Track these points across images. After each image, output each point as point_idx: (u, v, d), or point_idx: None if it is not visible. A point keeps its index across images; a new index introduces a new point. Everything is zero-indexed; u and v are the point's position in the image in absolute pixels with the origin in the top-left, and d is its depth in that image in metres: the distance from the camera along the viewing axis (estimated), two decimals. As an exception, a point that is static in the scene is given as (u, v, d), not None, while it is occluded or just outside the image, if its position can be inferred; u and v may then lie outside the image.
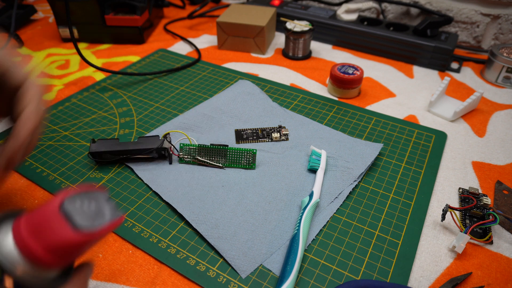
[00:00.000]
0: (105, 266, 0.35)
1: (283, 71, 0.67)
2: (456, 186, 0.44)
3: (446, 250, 0.37)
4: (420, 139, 0.51)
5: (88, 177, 0.44)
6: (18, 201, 0.41)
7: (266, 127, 0.51)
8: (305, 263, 0.36)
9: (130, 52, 0.73)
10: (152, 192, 0.42)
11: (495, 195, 0.43)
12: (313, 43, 0.78)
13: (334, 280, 0.34)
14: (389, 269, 0.35)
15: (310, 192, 0.41)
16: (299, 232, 0.36)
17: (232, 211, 0.39)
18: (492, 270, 0.35)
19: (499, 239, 0.38)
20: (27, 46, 0.75)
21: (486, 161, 0.48)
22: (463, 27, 0.75)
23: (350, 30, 0.73)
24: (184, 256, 0.36)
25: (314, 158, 0.45)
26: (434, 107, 0.57)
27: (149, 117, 0.54)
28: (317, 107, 0.57)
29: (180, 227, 0.39)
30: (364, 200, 0.42)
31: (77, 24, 0.73)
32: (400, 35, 0.69)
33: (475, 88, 0.63)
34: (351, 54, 0.73)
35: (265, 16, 0.72)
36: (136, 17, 0.72)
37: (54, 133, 0.51)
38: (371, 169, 0.46)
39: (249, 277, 0.34)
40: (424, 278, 0.35)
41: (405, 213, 0.41)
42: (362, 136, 0.51)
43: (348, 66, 0.59)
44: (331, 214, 0.40)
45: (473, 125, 0.55)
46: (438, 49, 0.66)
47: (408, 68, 0.69)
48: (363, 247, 0.37)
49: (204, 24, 0.86)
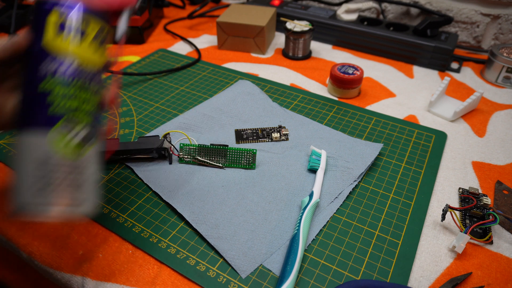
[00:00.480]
0: (105, 266, 0.35)
1: (283, 71, 0.67)
2: (456, 186, 0.44)
3: (446, 250, 0.37)
4: (420, 139, 0.51)
5: (88, 177, 0.44)
6: (18, 201, 0.41)
7: (266, 127, 0.51)
8: (305, 263, 0.36)
9: (130, 52, 0.73)
10: (152, 192, 0.42)
11: (495, 195, 0.43)
12: (313, 43, 0.78)
13: (334, 280, 0.34)
14: (389, 269, 0.35)
15: (310, 192, 0.41)
16: (299, 232, 0.36)
17: (232, 211, 0.39)
18: (492, 270, 0.35)
19: (499, 239, 0.38)
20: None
21: (486, 161, 0.48)
22: (463, 27, 0.75)
23: (350, 30, 0.73)
24: (184, 256, 0.36)
25: (314, 158, 0.45)
26: (434, 107, 0.57)
27: (149, 117, 0.54)
28: (317, 107, 0.57)
29: (180, 227, 0.39)
30: (364, 200, 0.42)
31: (77, 24, 0.73)
32: (400, 35, 0.69)
33: (475, 88, 0.63)
34: (351, 54, 0.73)
35: (265, 16, 0.72)
36: (136, 17, 0.72)
37: (54, 133, 0.51)
38: (371, 169, 0.46)
39: (249, 277, 0.34)
40: (424, 278, 0.35)
41: (405, 213, 0.41)
42: (362, 136, 0.51)
43: (348, 66, 0.59)
44: (331, 214, 0.40)
45: (473, 125, 0.55)
46: (438, 49, 0.66)
47: (408, 68, 0.69)
48: (363, 247, 0.37)
49: (204, 24, 0.86)
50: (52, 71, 0.28)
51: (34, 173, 0.28)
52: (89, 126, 0.29)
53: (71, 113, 0.29)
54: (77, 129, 0.29)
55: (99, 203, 0.32)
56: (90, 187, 0.30)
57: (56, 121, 0.28)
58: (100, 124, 0.31)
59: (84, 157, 0.29)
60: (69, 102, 0.29)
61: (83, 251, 0.36)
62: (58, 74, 0.28)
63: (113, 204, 0.41)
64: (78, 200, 0.29)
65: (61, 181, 0.28)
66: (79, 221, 0.39)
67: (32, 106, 0.29)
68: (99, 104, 0.31)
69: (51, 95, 0.28)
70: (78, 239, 0.38)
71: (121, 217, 0.39)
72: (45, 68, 0.29)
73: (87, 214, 0.30)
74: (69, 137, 0.29)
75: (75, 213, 0.29)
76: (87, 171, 0.30)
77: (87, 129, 0.29)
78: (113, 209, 0.40)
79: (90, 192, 0.30)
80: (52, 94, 0.28)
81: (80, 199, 0.29)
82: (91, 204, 0.30)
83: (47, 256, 0.36)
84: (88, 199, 0.30)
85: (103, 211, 0.40)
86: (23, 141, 0.29)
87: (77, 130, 0.29)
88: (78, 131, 0.29)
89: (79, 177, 0.29)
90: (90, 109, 0.30)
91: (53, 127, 0.28)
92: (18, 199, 0.29)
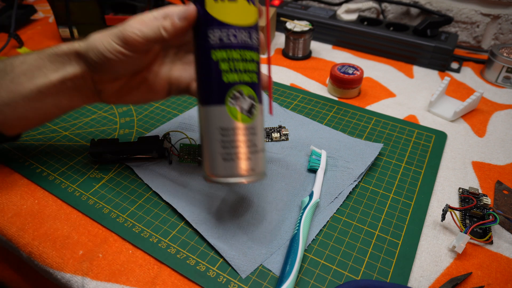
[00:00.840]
0: (105, 266, 0.35)
1: (283, 71, 0.67)
2: (456, 186, 0.44)
3: (446, 250, 0.37)
4: (420, 139, 0.51)
5: (88, 177, 0.44)
6: (18, 201, 0.41)
7: (266, 127, 0.51)
8: (305, 263, 0.36)
9: (130, 52, 0.73)
10: (152, 192, 0.42)
11: (495, 195, 0.43)
12: (313, 43, 0.78)
13: (334, 280, 0.34)
14: (389, 269, 0.35)
15: (310, 192, 0.41)
16: (299, 232, 0.36)
17: (232, 211, 0.39)
18: (492, 270, 0.35)
19: (499, 239, 0.38)
20: (27, 46, 0.75)
21: (486, 161, 0.48)
22: (463, 27, 0.75)
23: (350, 30, 0.73)
24: (184, 256, 0.36)
25: (314, 158, 0.45)
26: (434, 107, 0.57)
27: (149, 117, 0.54)
28: (317, 107, 0.57)
29: (180, 227, 0.39)
30: (364, 200, 0.42)
31: (77, 24, 0.73)
32: (400, 35, 0.69)
33: (475, 88, 0.63)
34: (351, 54, 0.73)
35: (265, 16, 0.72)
36: (136, 17, 0.72)
37: (54, 133, 0.51)
38: (371, 169, 0.46)
39: (249, 277, 0.34)
40: (424, 278, 0.35)
41: (405, 213, 0.41)
42: (362, 136, 0.51)
43: (348, 66, 0.59)
44: (331, 214, 0.40)
45: (473, 125, 0.55)
46: (438, 49, 0.66)
47: (408, 68, 0.69)
48: (363, 247, 0.37)
49: (204, 24, 0.86)
50: (218, 37, 0.30)
51: (220, 139, 0.31)
52: (253, 92, 0.31)
53: (241, 77, 0.30)
54: (246, 93, 0.30)
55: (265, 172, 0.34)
56: (263, 153, 0.32)
57: (228, 88, 0.30)
58: (261, 88, 0.33)
59: (255, 119, 0.31)
60: (237, 66, 0.30)
61: (83, 251, 0.36)
62: (224, 40, 0.30)
63: (113, 204, 0.41)
64: (257, 165, 0.31)
65: (242, 144, 0.31)
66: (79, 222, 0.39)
67: (207, 75, 0.30)
68: (259, 70, 0.32)
69: (221, 63, 0.30)
70: (78, 239, 0.38)
71: (121, 217, 0.39)
72: (212, 34, 0.30)
73: (262, 179, 0.33)
74: (241, 102, 0.30)
75: (255, 179, 0.31)
76: (259, 134, 0.32)
77: (251, 95, 0.31)
78: (113, 209, 0.40)
79: (263, 158, 0.33)
80: (222, 62, 0.30)
81: (257, 164, 0.32)
82: (264, 170, 0.33)
83: (47, 256, 0.36)
84: (263, 165, 0.32)
85: (103, 211, 0.40)
86: (205, 110, 0.31)
87: (246, 94, 0.30)
88: (247, 95, 0.31)
89: (255, 139, 0.31)
90: (254, 73, 0.31)
91: (227, 94, 0.30)
92: (209, 171, 0.31)
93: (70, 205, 0.41)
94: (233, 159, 0.31)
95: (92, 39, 0.34)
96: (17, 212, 0.40)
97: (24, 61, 0.36)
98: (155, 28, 0.32)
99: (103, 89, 0.37)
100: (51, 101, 0.37)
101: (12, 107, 0.36)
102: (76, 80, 0.36)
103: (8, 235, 0.38)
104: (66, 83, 0.36)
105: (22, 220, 0.39)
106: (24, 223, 0.39)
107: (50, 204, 0.41)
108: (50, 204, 0.41)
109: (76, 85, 0.36)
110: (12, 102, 0.35)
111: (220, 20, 0.30)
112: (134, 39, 0.32)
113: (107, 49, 0.33)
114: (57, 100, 0.37)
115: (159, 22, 0.32)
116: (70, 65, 0.35)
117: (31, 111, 0.37)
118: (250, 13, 0.31)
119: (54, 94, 0.36)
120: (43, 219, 0.39)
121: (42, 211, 0.40)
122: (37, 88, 0.35)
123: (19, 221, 0.39)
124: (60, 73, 0.35)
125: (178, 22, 0.31)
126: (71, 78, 0.35)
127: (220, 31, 0.30)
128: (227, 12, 0.29)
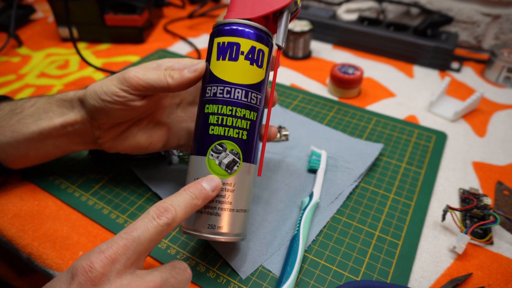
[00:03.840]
0: (104, 267, 0.35)
1: (283, 71, 0.67)
2: (456, 186, 0.44)
3: (447, 250, 0.37)
4: (421, 139, 0.51)
5: (87, 177, 0.44)
6: (18, 201, 0.41)
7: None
8: (305, 263, 0.35)
9: (130, 52, 0.73)
10: (152, 192, 0.42)
11: (496, 196, 0.43)
12: (313, 43, 0.77)
13: (334, 280, 0.34)
14: (389, 269, 0.35)
15: (310, 193, 0.41)
16: (299, 232, 0.36)
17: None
18: (493, 270, 0.35)
19: (500, 239, 0.38)
20: (27, 46, 0.75)
21: (487, 161, 0.48)
22: (464, 27, 0.75)
23: (350, 30, 0.73)
24: (184, 257, 0.36)
25: (314, 158, 0.45)
26: (434, 107, 0.57)
27: (149, 117, 0.54)
28: (317, 107, 0.57)
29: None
30: (364, 200, 0.42)
31: (77, 24, 0.73)
32: (400, 35, 0.69)
33: (476, 88, 0.63)
34: (351, 54, 0.73)
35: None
36: (136, 17, 0.72)
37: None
38: (371, 170, 0.46)
39: (249, 278, 0.34)
40: (425, 278, 0.35)
41: (405, 214, 0.40)
42: (362, 136, 0.51)
43: (348, 66, 0.59)
44: (331, 215, 0.40)
45: (473, 125, 0.54)
46: (438, 49, 0.66)
47: (408, 68, 0.69)
48: (363, 248, 0.37)
49: (204, 24, 0.86)
50: (213, 92, 0.31)
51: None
52: (238, 148, 0.31)
53: (227, 132, 0.31)
54: (229, 148, 0.31)
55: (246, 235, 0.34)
56: (244, 213, 0.32)
57: (213, 140, 0.31)
58: (251, 146, 0.32)
59: (235, 176, 0.31)
60: (226, 121, 0.31)
61: (83, 252, 0.36)
62: (217, 95, 0.31)
63: (113, 204, 0.41)
64: (230, 224, 0.31)
65: (215, 198, 0.30)
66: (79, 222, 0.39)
67: (200, 126, 0.32)
68: (253, 129, 0.32)
69: (211, 116, 0.31)
70: (78, 239, 0.37)
71: (121, 218, 0.39)
72: (209, 89, 0.31)
73: (237, 240, 0.32)
74: (222, 156, 0.31)
75: (225, 239, 0.31)
76: (240, 192, 0.31)
77: (236, 151, 0.31)
78: (113, 210, 0.40)
79: (243, 219, 0.32)
80: (212, 115, 0.31)
81: (231, 224, 0.31)
82: (241, 232, 0.32)
83: (47, 257, 0.36)
84: (239, 226, 0.32)
85: (103, 212, 0.40)
86: (191, 159, 0.32)
87: (229, 150, 0.31)
88: (229, 151, 0.31)
89: (233, 196, 0.31)
90: (244, 130, 0.31)
91: (210, 146, 0.31)
92: (186, 223, 0.31)
93: (70, 205, 0.41)
94: (201, 212, 0.31)
95: (93, 84, 0.35)
96: (17, 213, 0.40)
97: (34, 104, 0.38)
98: (160, 75, 0.33)
99: (100, 136, 0.38)
100: (52, 143, 0.38)
101: (14, 146, 0.38)
102: (76, 125, 0.37)
103: (8, 236, 0.38)
104: (67, 128, 0.37)
105: (22, 221, 0.39)
106: (24, 224, 0.39)
107: (50, 205, 0.41)
108: (50, 205, 0.41)
109: (76, 130, 0.38)
110: (14, 141, 0.37)
111: (218, 77, 0.31)
112: (135, 81, 0.33)
113: (104, 91, 0.34)
114: (58, 142, 0.39)
115: (165, 72, 0.34)
116: (72, 110, 0.37)
117: (32, 150, 0.39)
118: (251, 74, 0.31)
119: (55, 136, 0.38)
120: (43, 220, 0.39)
121: (42, 212, 0.40)
122: (39, 130, 0.37)
123: (18, 222, 0.39)
124: (63, 118, 0.37)
125: (187, 74, 0.33)
126: (71, 123, 0.37)
127: (216, 87, 0.31)
128: (225, 70, 0.31)
